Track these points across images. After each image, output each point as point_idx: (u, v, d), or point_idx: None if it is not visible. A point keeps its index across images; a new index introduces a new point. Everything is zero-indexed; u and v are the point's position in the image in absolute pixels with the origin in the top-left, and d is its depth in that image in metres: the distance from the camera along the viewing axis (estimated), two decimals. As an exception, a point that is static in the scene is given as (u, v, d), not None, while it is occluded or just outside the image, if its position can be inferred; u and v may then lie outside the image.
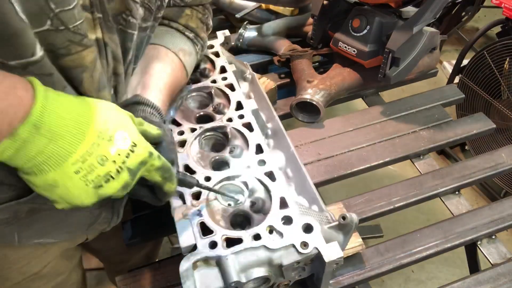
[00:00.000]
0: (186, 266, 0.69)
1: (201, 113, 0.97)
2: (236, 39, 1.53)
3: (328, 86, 1.27)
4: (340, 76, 1.32)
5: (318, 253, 0.71)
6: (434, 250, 1.03)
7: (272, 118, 1.04)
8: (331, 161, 1.20)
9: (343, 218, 0.76)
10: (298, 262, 0.72)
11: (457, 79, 2.21)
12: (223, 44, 1.17)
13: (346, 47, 1.31)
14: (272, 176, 0.82)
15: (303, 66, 1.36)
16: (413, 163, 1.26)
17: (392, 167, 2.23)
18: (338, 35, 1.33)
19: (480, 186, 2.31)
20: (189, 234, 0.74)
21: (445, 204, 1.16)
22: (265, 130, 1.03)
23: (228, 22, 1.86)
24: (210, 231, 0.73)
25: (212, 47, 1.11)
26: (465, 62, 2.14)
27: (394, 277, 1.99)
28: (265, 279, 0.73)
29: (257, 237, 0.72)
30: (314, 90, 1.25)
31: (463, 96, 1.41)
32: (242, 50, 1.55)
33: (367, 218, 1.09)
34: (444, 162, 2.44)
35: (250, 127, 0.91)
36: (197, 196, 0.79)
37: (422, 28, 1.22)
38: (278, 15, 1.63)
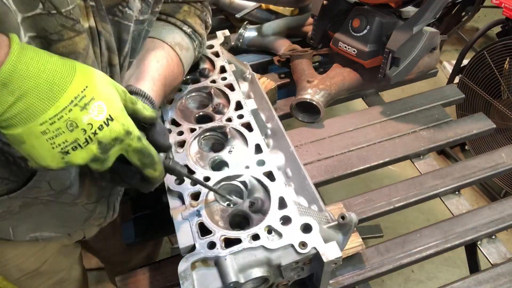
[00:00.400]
0: (184, 267, 0.69)
1: (200, 113, 0.97)
2: (236, 39, 1.53)
3: (328, 86, 1.27)
4: (340, 76, 1.32)
5: (316, 253, 0.71)
6: (434, 250, 1.03)
7: (272, 118, 1.04)
8: (331, 161, 1.20)
9: (342, 218, 0.76)
10: (296, 262, 0.72)
11: (457, 79, 2.20)
12: (223, 44, 1.17)
13: (346, 47, 1.30)
14: (271, 176, 0.82)
15: (303, 66, 1.36)
16: (413, 163, 1.26)
17: (392, 167, 2.23)
18: (338, 35, 1.33)
19: (480, 186, 2.31)
20: (187, 235, 0.74)
21: (445, 204, 1.16)
22: (264, 130, 1.03)
23: (228, 22, 1.86)
24: (208, 232, 0.73)
25: (212, 47, 1.11)
26: (465, 62, 2.14)
27: (394, 277, 1.99)
28: (263, 279, 0.73)
29: (255, 237, 0.72)
30: (314, 90, 1.25)
31: (463, 96, 1.41)
32: (242, 50, 1.55)
33: (367, 218, 1.10)
34: (444, 162, 2.44)
35: (249, 127, 0.91)
36: (196, 196, 0.79)
37: (422, 28, 1.21)
38: (278, 15, 1.63)
